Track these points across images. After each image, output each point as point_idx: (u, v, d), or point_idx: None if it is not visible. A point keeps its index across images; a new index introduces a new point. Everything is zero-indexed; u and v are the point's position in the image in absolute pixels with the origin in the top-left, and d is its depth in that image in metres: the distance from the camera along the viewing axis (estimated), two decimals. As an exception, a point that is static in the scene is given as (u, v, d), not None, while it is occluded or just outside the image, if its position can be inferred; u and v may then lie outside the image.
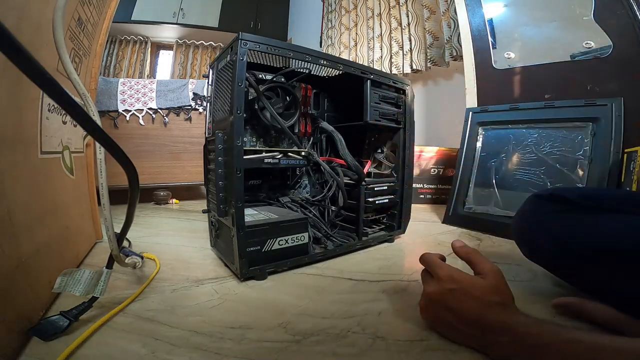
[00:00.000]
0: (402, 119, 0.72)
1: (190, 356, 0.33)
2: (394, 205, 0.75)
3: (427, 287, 0.37)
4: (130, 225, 0.40)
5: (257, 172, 0.71)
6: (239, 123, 0.48)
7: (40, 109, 0.43)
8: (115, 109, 1.18)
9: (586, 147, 0.75)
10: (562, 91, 0.82)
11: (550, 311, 0.42)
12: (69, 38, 0.50)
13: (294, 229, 0.56)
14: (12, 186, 0.34)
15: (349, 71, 0.62)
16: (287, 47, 0.53)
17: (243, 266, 0.51)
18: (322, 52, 0.58)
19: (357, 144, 0.83)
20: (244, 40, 0.48)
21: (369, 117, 0.65)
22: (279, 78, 0.63)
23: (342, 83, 0.71)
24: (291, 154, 0.62)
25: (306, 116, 0.73)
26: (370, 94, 0.65)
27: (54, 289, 0.38)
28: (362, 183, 0.66)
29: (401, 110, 0.71)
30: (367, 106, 0.65)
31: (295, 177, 0.78)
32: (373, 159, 0.80)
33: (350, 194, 0.68)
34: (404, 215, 0.75)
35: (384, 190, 0.71)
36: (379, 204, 0.70)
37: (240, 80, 0.48)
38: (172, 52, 2.93)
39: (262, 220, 0.54)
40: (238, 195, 0.49)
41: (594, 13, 0.77)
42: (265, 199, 0.73)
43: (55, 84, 0.20)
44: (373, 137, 0.81)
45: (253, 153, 0.58)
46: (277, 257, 0.54)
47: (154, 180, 1.24)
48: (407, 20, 1.61)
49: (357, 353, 0.34)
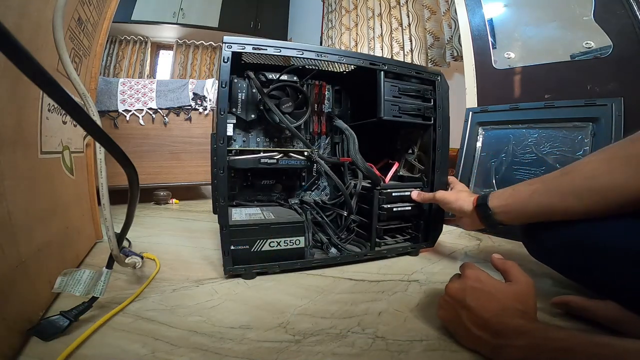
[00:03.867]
0: (431, 114, 0.62)
1: (190, 356, 0.33)
2: (419, 214, 0.65)
3: (450, 284, 0.37)
4: (130, 225, 0.40)
5: (270, 172, 0.70)
6: (222, 124, 0.49)
7: (40, 109, 0.43)
8: (115, 109, 1.18)
9: (586, 147, 0.75)
10: (562, 91, 0.82)
11: (550, 310, 0.42)
12: (69, 38, 0.50)
13: (288, 232, 0.54)
14: (12, 186, 0.34)
15: (352, 63, 0.56)
16: (273, 45, 0.51)
17: (227, 263, 0.51)
18: (316, 46, 0.55)
19: (385, 144, 0.76)
20: (228, 43, 0.49)
21: (383, 112, 0.58)
22: (291, 77, 0.62)
23: (359, 78, 0.66)
24: (293, 154, 0.61)
25: (320, 114, 0.71)
26: (385, 86, 0.58)
27: (54, 289, 0.38)
28: (377, 188, 0.61)
29: (430, 104, 0.63)
30: (381, 100, 0.58)
31: (311, 178, 0.75)
32: (405, 161, 0.72)
33: (365, 198, 0.63)
34: (433, 226, 0.66)
35: (406, 197, 0.63)
36: (397, 211, 0.63)
37: (224, 82, 0.49)
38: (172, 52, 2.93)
39: (252, 220, 0.54)
40: (222, 194, 0.50)
41: (594, 13, 0.77)
42: (278, 200, 0.72)
43: (55, 84, 0.20)
44: (405, 136, 0.73)
45: (250, 153, 0.58)
46: (267, 258, 0.53)
47: (154, 180, 1.24)
48: (407, 20, 1.61)
49: (357, 353, 0.34)
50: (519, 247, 0.69)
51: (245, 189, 0.71)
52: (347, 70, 0.69)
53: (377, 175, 0.63)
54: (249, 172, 0.69)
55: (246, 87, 0.66)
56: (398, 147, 0.74)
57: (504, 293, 0.33)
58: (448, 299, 0.36)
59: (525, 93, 0.91)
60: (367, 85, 0.61)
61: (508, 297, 0.33)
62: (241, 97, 0.66)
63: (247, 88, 0.66)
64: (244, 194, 0.71)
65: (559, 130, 0.80)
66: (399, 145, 0.74)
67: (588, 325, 0.39)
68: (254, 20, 2.82)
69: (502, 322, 0.30)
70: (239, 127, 0.69)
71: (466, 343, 0.34)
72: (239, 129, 0.69)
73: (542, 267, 0.53)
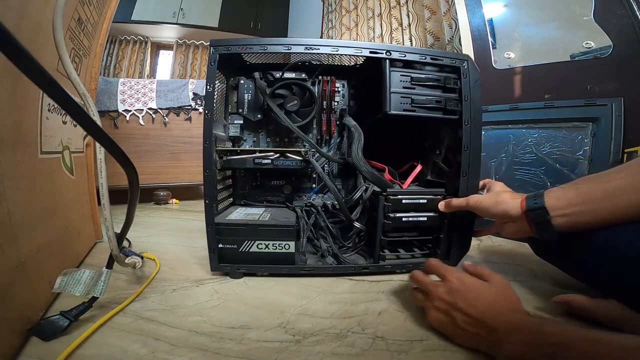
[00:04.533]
0: (456, 107, 0.53)
1: (190, 356, 0.33)
2: (439, 227, 0.56)
3: (435, 290, 0.37)
4: (130, 225, 0.40)
5: (278, 172, 0.69)
6: (208, 125, 0.51)
7: (40, 109, 0.43)
8: (115, 109, 1.18)
9: (586, 147, 0.75)
10: (562, 91, 0.82)
11: (550, 309, 0.42)
12: (69, 38, 0.50)
13: (277, 235, 0.52)
14: (12, 186, 0.34)
15: (347, 53, 0.52)
16: (258, 43, 0.51)
17: (212, 260, 0.53)
18: (305, 39, 0.51)
19: (412, 144, 0.68)
20: (215, 47, 0.50)
21: (389, 106, 0.51)
22: (299, 74, 0.61)
23: (370, 70, 0.59)
24: (289, 154, 0.59)
25: (330, 112, 0.68)
26: (392, 77, 0.52)
27: (54, 289, 0.38)
28: (382, 193, 0.54)
29: (454, 95, 0.53)
30: (387, 92, 0.51)
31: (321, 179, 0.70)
32: (432, 164, 0.63)
33: (374, 205, 0.57)
34: (457, 242, 0.55)
35: (421, 205, 0.54)
36: (407, 222, 0.54)
37: (210, 84, 0.50)
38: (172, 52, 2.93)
39: (242, 220, 0.54)
40: (207, 193, 0.52)
41: (594, 13, 0.77)
42: (287, 202, 0.70)
43: (55, 84, 0.20)
44: (433, 134, 0.64)
45: (247, 153, 0.58)
46: (255, 260, 0.53)
47: (154, 180, 1.24)
48: (407, 20, 1.61)
49: (357, 353, 0.34)
50: (519, 247, 0.69)
51: (255, 189, 0.71)
52: (359, 63, 0.64)
53: (384, 179, 0.56)
54: (258, 172, 0.69)
55: (253, 88, 0.66)
56: (426, 146, 0.65)
57: (488, 292, 0.35)
58: (438, 303, 0.36)
59: (525, 93, 0.91)
60: (377, 77, 0.54)
61: (492, 294, 0.34)
62: (248, 98, 0.66)
63: (254, 89, 0.66)
64: (253, 193, 0.71)
65: (559, 130, 0.80)
66: (426, 145, 0.65)
67: (589, 324, 0.39)
68: (254, 20, 2.82)
69: (494, 318, 0.31)
70: (248, 128, 0.69)
71: (465, 343, 0.34)
72: (248, 130, 0.69)
73: (542, 267, 0.53)
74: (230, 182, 0.68)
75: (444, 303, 0.36)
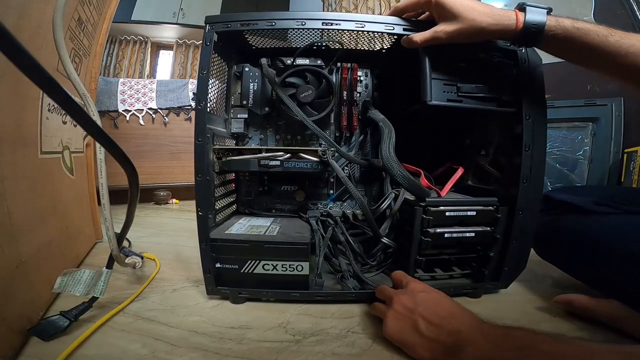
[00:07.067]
0: (512, 97, 0.44)
1: (190, 356, 0.33)
2: (490, 243, 0.46)
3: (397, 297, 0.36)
4: (130, 225, 0.40)
5: (289, 176, 0.59)
6: (200, 117, 0.42)
7: (40, 109, 0.43)
8: (115, 109, 1.18)
9: (586, 147, 0.75)
10: (562, 91, 0.82)
11: (551, 309, 0.43)
12: (69, 38, 0.50)
13: (287, 254, 0.43)
14: (12, 186, 0.34)
15: (377, 30, 0.43)
16: (265, 18, 0.42)
17: (208, 283, 0.44)
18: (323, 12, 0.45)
19: (450, 142, 0.59)
20: (211, 24, 0.43)
21: (430, 95, 0.42)
22: (314, 60, 0.52)
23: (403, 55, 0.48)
24: (303, 155, 0.48)
25: (351, 104, 0.57)
26: (433, 59, 0.42)
27: (54, 289, 0.38)
28: (420, 203, 0.44)
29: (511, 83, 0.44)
30: (426, 79, 0.42)
31: (341, 184, 0.59)
32: (475, 166, 0.53)
33: (407, 217, 0.47)
34: (509, 260, 0.45)
35: (468, 218, 0.45)
36: (450, 237, 0.44)
37: (204, 67, 0.42)
38: (172, 52, 2.93)
39: (244, 235, 0.45)
40: (200, 202, 0.43)
41: (594, 13, 0.77)
42: (299, 211, 0.60)
43: (55, 84, 0.20)
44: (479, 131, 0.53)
45: (251, 153, 0.48)
46: (259, 283, 0.44)
47: (154, 180, 1.24)
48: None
49: (357, 353, 0.34)
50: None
51: (262, 195, 0.60)
52: (385, 48, 0.53)
53: (422, 186, 0.45)
54: (266, 176, 0.59)
55: (259, 76, 0.55)
56: (466, 145, 0.55)
57: (446, 298, 0.35)
58: (400, 308, 0.35)
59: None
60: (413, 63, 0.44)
61: (453, 302, 0.34)
62: (253, 88, 0.55)
63: (261, 77, 0.55)
64: (260, 201, 0.60)
65: (559, 130, 0.80)
66: (467, 144, 0.55)
67: (590, 324, 0.39)
68: (254, 20, 2.82)
69: (457, 322, 0.31)
70: (254, 124, 0.59)
71: (422, 353, 0.32)
72: (254, 126, 0.59)
73: (543, 267, 0.53)
74: (233, 187, 0.58)
75: (405, 309, 0.35)
